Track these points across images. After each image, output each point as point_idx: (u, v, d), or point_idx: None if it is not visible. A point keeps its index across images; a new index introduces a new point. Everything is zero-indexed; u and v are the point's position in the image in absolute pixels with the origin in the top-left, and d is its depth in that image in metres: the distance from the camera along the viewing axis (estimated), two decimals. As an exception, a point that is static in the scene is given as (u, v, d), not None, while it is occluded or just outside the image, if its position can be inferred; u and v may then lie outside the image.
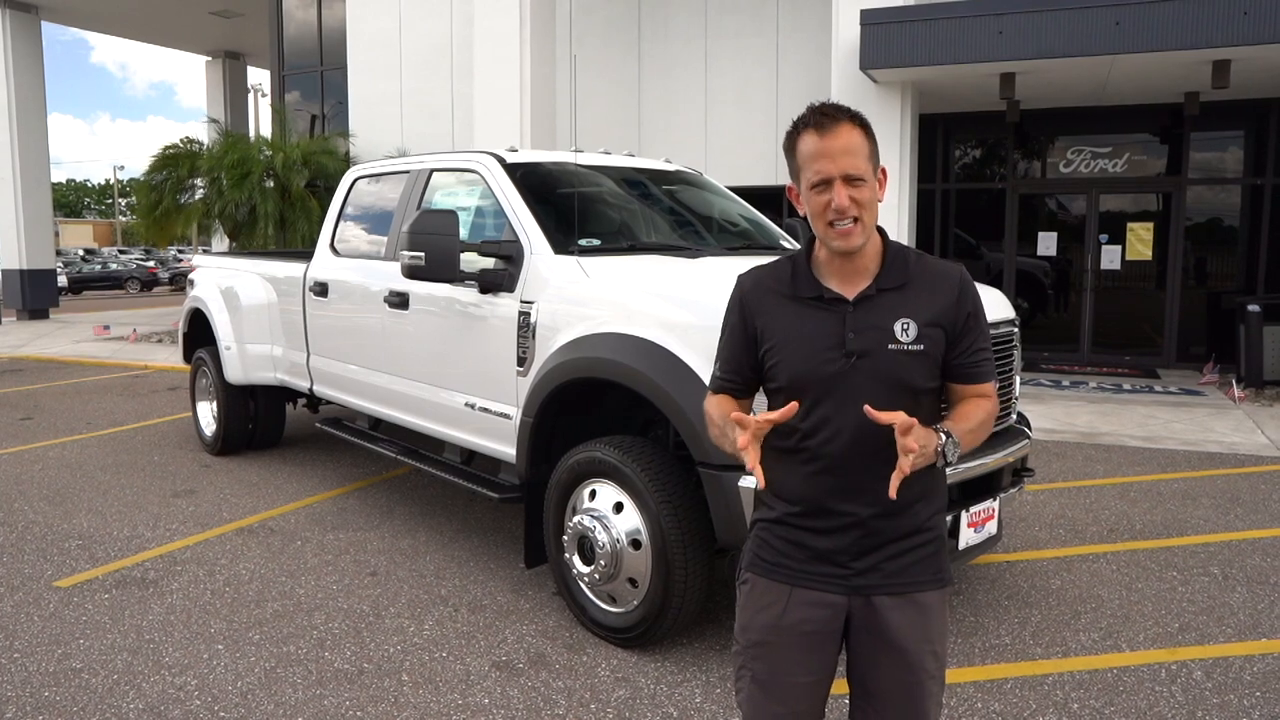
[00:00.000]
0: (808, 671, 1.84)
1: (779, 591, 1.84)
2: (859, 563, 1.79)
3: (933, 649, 1.82)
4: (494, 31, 10.86)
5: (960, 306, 1.80)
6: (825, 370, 1.75)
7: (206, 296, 6.73)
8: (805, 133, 1.75)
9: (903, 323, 1.75)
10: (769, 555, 1.86)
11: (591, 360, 3.60)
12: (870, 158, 1.75)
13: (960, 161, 11.91)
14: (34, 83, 17.13)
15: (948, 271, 1.83)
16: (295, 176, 13.12)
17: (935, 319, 1.77)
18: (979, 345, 1.82)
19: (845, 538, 1.79)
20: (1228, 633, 3.74)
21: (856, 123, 1.75)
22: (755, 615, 1.87)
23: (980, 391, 1.84)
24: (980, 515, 3.52)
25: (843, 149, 1.71)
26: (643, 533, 3.43)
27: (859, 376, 1.74)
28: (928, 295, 1.78)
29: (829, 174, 1.71)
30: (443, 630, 3.77)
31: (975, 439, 1.79)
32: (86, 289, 31.53)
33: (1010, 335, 3.82)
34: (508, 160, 4.54)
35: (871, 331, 1.75)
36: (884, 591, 1.79)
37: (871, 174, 1.75)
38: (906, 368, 1.75)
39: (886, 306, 1.76)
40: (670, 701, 3.20)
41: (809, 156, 1.74)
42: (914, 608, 1.80)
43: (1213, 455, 6.70)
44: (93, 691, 3.28)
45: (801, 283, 1.82)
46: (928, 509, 1.83)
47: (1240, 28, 7.85)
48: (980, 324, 1.83)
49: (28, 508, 5.49)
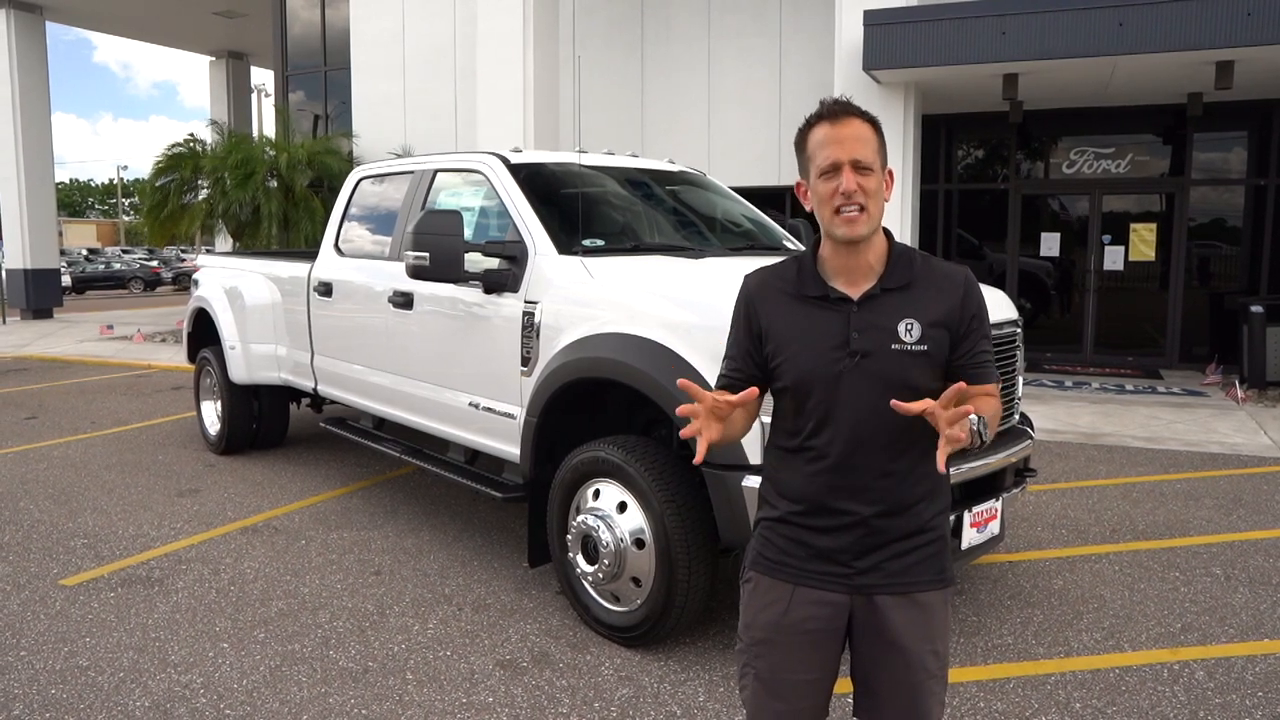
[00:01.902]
0: (810, 669, 1.85)
1: (782, 590, 1.85)
2: (861, 562, 1.80)
3: (934, 648, 1.83)
4: (497, 32, 10.88)
5: (965, 308, 1.81)
6: (829, 369, 1.76)
7: (211, 296, 6.75)
8: (818, 124, 1.78)
9: (907, 323, 1.76)
10: (772, 554, 1.88)
11: (595, 360, 3.61)
12: (879, 152, 1.77)
13: (963, 162, 11.91)
14: (38, 83, 17.17)
15: (953, 273, 1.84)
16: (299, 176, 13.15)
17: (939, 320, 1.78)
18: (982, 347, 1.83)
19: (847, 537, 1.80)
20: (1230, 633, 3.74)
21: (868, 120, 1.78)
22: (758, 613, 1.88)
23: (984, 391, 1.84)
24: (983, 515, 3.53)
25: (853, 136, 1.74)
26: (646, 532, 3.44)
27: (862, 376, 1.75)
28: (933, 296, 1.79)
29: (838, 159, 1.73)
30: (447, 629, 3.79)
31: (992, 430, 1.79)
32: (90, 289, 31.57)
33: (1013, 336, 3.82)
34: (512, 160, 4.56)
35: (875, 331, 1.76)
36: (886, 591, 1.80)
37: (880, 167, 1.77)
38: (909, 368, 1.75)
39: (891, 306, 1.77)
40: (674, 700, 3.21)
41: (819, 144, 1.76)
42: (916, 607, 1.81)
43: (1215, 456, 6.70)
44: (99, 690, 3.29)
45: (807, 282, 1.83)
46: (931, 509, 1.83)
47: (1244, 28, 7.85)
48: (984, 326, 1.84)
49: (33, 507, 5.51)
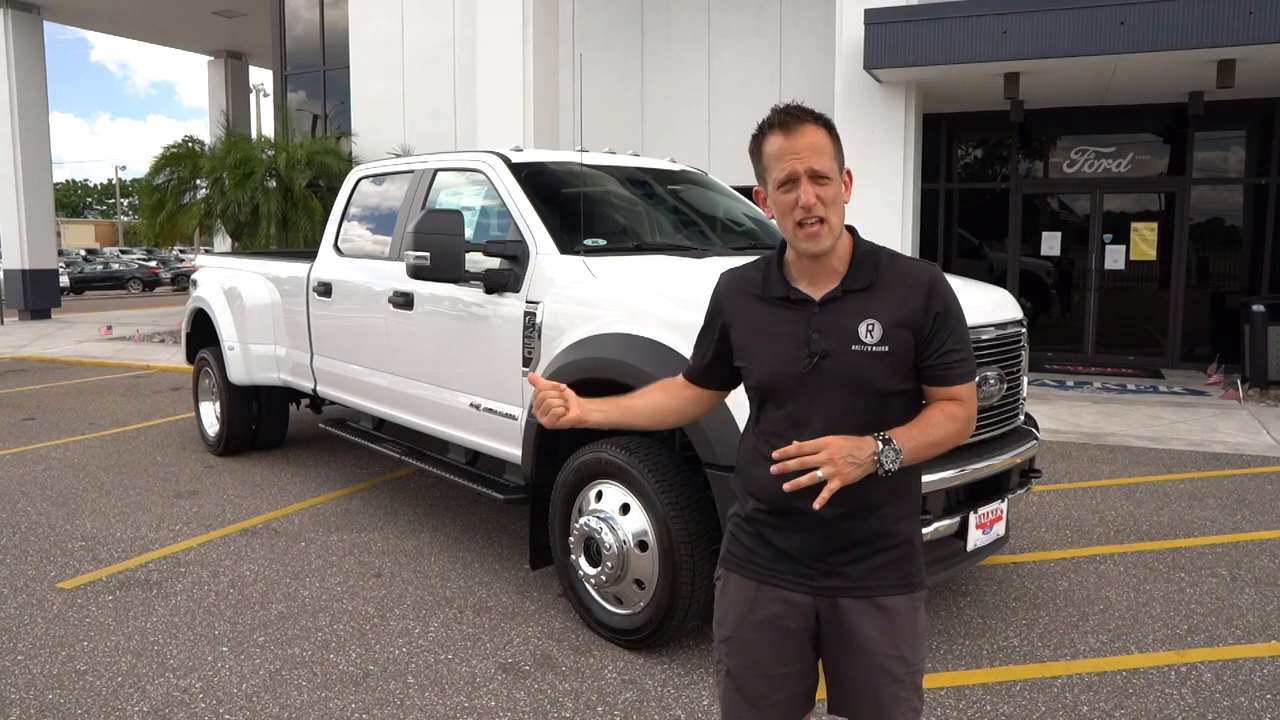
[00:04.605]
0: (780, 666, 1.85)
1: (748, 588, 1.87)
2: (821, 564, 1.80)
3: (900, 655, 1.80)
4: (497, 31, 10.84)
5: (929, 307, 1.76)
6: (791, 370, 1.77)
7: (209, 297, 6.72)
8: (770, 133, 1.76)
9: (868, 324, 1.74)
10: (739, 551, 1.90)
11: (598, 360, 3.58)
12: (836, 158, 1.75)
13: (964, 161, 11.89)
14: (36, 82, 17.12)
15: (917, 272, 1.80)
16: (298, 176, 13.11)
17: (902, 320, 1.75)
18: (950, 346, 1.78)
19: (808, 537, 1.79)
20: (1237, 634, 3.72)
21: (821, 123, 1.75)
22: (728, 611, 1.90)
23: (951, 394, 1.79)
24: (989, 516, 3.51)
25: (808, 146, 1.72)
26: (649, 534, 3.41)
27: (824, 377, 1.75)
28: (896, 296, 1.76)
29: (795, 171, 1.72)
30: (448, 632, 3.76)
31: (932, 450, 1.75)
32: (88, 289, 31.53)
33: (1018, 335, 3.79)
34: (513, 160, 4.53)
35: (836, 332, 1.75)
36: (848, 594, 1.80)
37: (837, 174, 1.75)
38: (870, 369, 1.74)
39: (853, 307, 1.76)
40: (677, 704, 3.18)
41: (775, 155, 1.74)
42: (880, 612, 1.79)
43: (1219, 456, 6.67)
44: (97, 694, 3.26)
45: (772, 284, 1.84)
46: (896, 512, 1.80)
47: (1245, 27, 7.83)
48: (951, 324, 1.78)
49: (30, 508, 5.47)
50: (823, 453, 1.62)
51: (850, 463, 1.63)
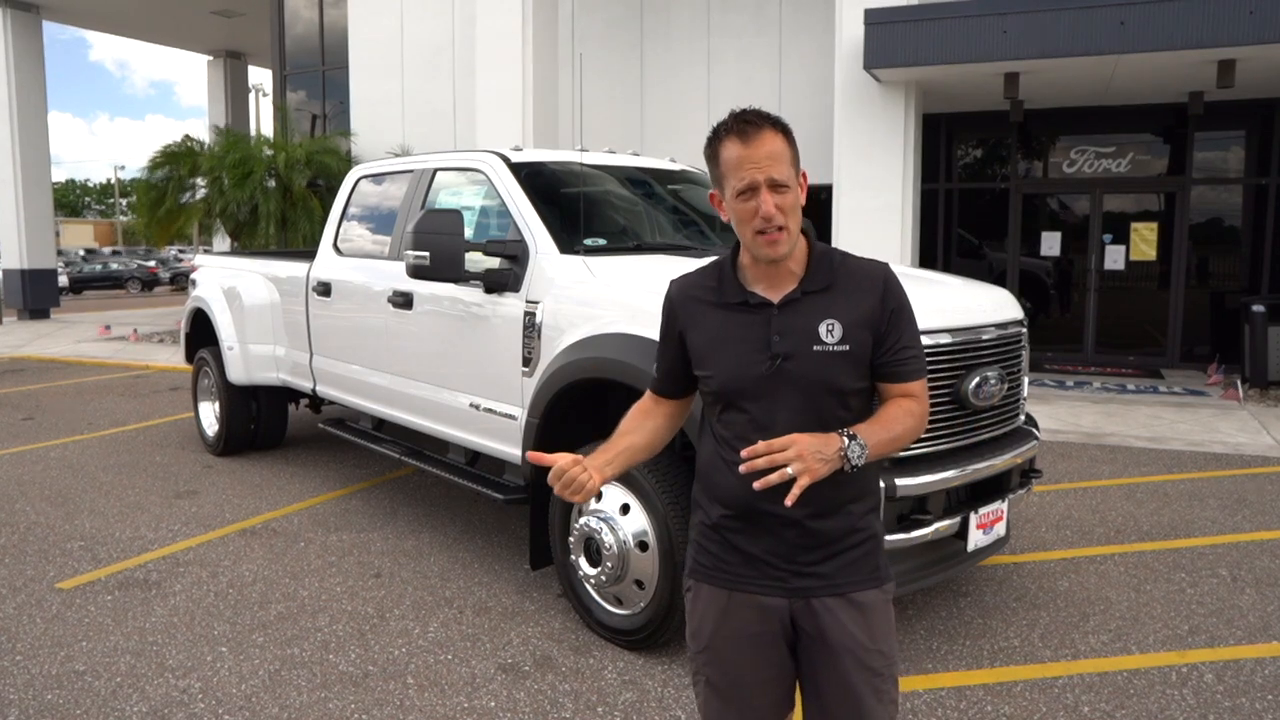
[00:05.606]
0: (758, 672, 1.85)
1: (720, 596, 1.86)
2: (794, 565, 1.80)
3: (879, 648, 1.81)
4: (496, 31, 10.83)
5: (885, 304, 1.79)
6: (753, 373, 1.77)
7: (209, 296, 6.71)
8: (727, 140, 1.75)
9: (828, 324, 1.76)
10: (707, 560, 1.88)
11: (598, 360, 3.58)
12: (793, 163, 1.75)
13: (963, 161, 11.88)
14: (34, 82, 17.10)
15: (872, 271, 1.83)
16: (297, 176, 13.11)
17: (861, 320, 1.77)
18: (905, 343, 1.81)
19: (779, 540, 1.79)
20: (1238, 635, 3.71)
21: (779, 129, 1.75)
22: (701, 621, 1.89)
23: (905, 391, 1.82)
24: (989, 517, 3.50)
25: (767, 155, 1.71)
26: (649, 534, 3.40)
27: (786, 379, 1.75)
28: (853, 296, 1.79)
29: (754, 181, 1.71)
30: (448, 632, 3.75)
31: (893, 445, 1.78)
32: (87, 289, 31.51)
33: (1019, 335, 3.78)
34: (513, 159, 4.52)
35: (796, 333, 1.76)
36: (823, 593, 1.80)
37: (794, 180, 1.75)
38: (832, 369, 1.75)
39: (812, 308, 1.77)
40: (678, 704, 3.17)
41: (733, 164, 1.74)
42: (854, 608, 1.80)
43: (1219, 456, 6.67)
44: (96, 694, 3.25)
45: (728, 288, 1.84)
46: (861, 508, 1.83)
47: (1246, 27, 7.82)
48: (904, 322, 1.82)
49: (29, 509, 5.47)
50: (791, 449, 1.62)
51: (819, 459, 1.64)
